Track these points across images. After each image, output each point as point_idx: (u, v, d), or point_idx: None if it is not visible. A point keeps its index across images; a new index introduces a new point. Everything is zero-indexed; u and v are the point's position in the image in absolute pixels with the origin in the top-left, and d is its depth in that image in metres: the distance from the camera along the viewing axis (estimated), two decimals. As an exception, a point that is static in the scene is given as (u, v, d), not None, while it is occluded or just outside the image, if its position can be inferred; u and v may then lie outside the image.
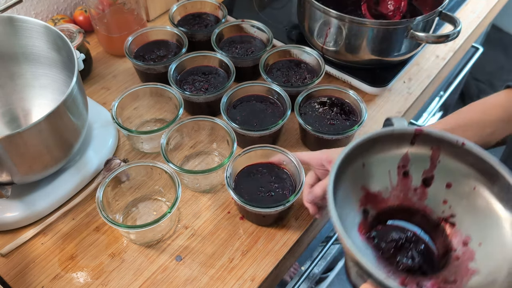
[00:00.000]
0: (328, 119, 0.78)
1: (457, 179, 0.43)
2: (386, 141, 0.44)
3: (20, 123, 0.81)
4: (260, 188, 0.69)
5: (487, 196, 0.41)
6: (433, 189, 0.44)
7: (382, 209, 0.45)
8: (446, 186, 0.44)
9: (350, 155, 0.42)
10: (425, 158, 0.44)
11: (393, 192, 0.46)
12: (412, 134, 0.43)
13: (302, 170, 0.68)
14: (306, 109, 0.80)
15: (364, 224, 0.45)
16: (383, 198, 0.45)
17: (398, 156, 0.45)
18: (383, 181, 0.46)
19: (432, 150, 0.44)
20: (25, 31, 0.74)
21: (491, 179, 0.41)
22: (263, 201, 0.68)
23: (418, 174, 0.45)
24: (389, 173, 0.45)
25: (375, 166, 0.45)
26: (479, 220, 0.42)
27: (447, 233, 0.43)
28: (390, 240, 0.45)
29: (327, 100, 0.81)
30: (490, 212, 0.41)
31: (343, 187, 0.43)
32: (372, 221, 0.46)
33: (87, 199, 0.74)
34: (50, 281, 0.66)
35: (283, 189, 0.69)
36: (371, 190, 0.45)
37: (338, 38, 0.85)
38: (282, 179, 0.71)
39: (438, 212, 0.44)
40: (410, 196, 0.45)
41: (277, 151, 0.71)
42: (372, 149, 0.44)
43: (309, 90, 0.80)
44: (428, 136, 0.43)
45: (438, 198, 0.44)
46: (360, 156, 0.44)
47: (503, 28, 2.12)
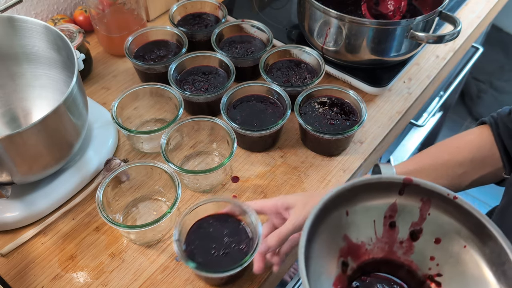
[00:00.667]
0: (328, 119, 0.78)
1: (447, 235, 0.40)
2: (373, 189, 0.41)
3: (20, 123, 0.81)
4: (213, 246, 0.63)
5: (477, 258, 0.38)
6: (421, 243, 0.41)
7: (364, 261, 0.43)
8: (435, 242, 0.40)
9: (333, 200, 0.40)
10: (414, 209, 0.41)
11: (378, 244, 0.42)
12: (401, 183, 0.40)
13: (259, 221, 0.61)
14: (306, 109, 0.80)
15: (341, 279, 0.41)
16: (366, 250, 0.42)
17: (385, 205, 0.42)
18: (367, 231, 0.43)
19: (422, 201, 0.40)
20: (25, 31, 0.73)
21: (482, 239, 0.38)
22: (218, 262, 0.61)
23: (406, 226, 0.42)
24: (375, 223, 0.42)
25: (359, 215, 0.42)
26: (466, 284, 0.39)
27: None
28: None
29: (327, 100, 0.81)
30: (478, 277, 0.38)
31: (322, 237, 0.40)
32: (351, 274, 0.42)
33: (87, 199, 0.74)
34: (50, 281, 0.66)
35: (239, 243, 0.63)
36: (354, 240, 0.42)
37: (338, 38, 0.85)
38: (237, 232, 0.64)
39: (424, 268, 0.41)
40: (396, 249, 0.42)
41: (228, 202, 0.65)
42: (358, 197, 0.41)
43: (309, 90, 0.80)
44: (418, 186, 0.40)
45: (425, 254, 0.41)
46: (344, 203, 0.41)
47: (503, 28, 2.12)
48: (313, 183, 0.77)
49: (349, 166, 0.79)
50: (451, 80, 1.23)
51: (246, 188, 0.76)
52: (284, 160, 0.80)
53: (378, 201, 0.42)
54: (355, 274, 0.43)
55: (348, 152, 0.81)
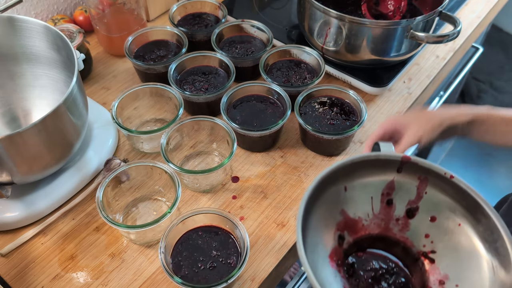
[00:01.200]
0: (328, 119, 0.78)
1: (443, 213, 0.40)
2: (371, 166, 0.42)
3: (20, 123, 0.81)
4: (200, 259, 0.62)
5: (471, 235, 0.39)
6: (416, 221, 0.42)
7: (360, 236, 0.43)
8: (430, 220, 0.41)
9: (331, 175, 0.41)
10: (412, 188, 0.42)
11: (374, 220, 0.43)
12: (399, 161, 0.41)
13: (247, 235, 0.62)
14: (306, 109, 0.80)
15: (337, 251, 0.42)
16: (362, 225, 0.43)
17: (383, 182, 0.42)
18: (364, 207, 0.43)
19: (419, 180, 0.41)
20: (25, 31, 0.73)
21: (476, 218, 0.39)
22: (204, 276, 0.61)
23: (403, 204, 0.42)
24: (372, 199, 0.43)
25: (357, 191, 0.43)
26: (460, 260, 0.39)
27: (426, 269, 0.41)
28: (369, 269, 0.43)
29: (327, 100, 0.81)
30: (472, 253, 0.38)
31: (319, 210, 0.41)
32: (347, 248, 0.43)
33: (87, 199, 0.74)
34: (50, 281, 0.66)
35: (227, 257, 0.62)
36: (351, 215, 0.43)
37: (338, 38, 0.85)
38: (226, 245, 0.64)
39: (418, 245, 0.42)
40: (392, 226, 0.43)
41: (219, 215, 0.64)
42: (356, 173, 0.42)
43: (309, 90, 0.80)
44: (416, 165, 0.41)
45: (421, 231, 0.42)
46: (343, 179, 0.42)
47: (503, 28, 2.13)
48: (313, 183, 0.77)
49: (349, 166, 0.79)
50: (451, 80, 1.23)
51: (246, 188, 0.76)
52: (284, 160, 0.80)
53: (376, 178, 0.42)
54: (351, 248, 0.44)
55: (348, 152, 0.81)
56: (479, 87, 2.07)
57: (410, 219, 0.42)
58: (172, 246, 0.64)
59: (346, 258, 0.44)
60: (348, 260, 0.44)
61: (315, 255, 0.40)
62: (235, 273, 0.59)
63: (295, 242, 0.70)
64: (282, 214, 0.73)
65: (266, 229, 0.71)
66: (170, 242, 0.63)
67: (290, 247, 0.69)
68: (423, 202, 0.41)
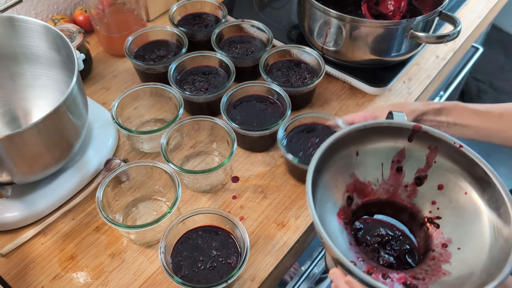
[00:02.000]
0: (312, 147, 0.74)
1: (450, 181, 0.42)
2: (383, 133, 0.44)
3: (20, 123, 0.81)
4: (200, 259, 0.62)
5: (476, 202, 0.40)
6: (424, 188, 0.43)
7: (368, 200, 0.45)
8: (438, 188, 0.43)
9: (344, 138, 0.42)
10: (422, 156, 0.43)
11: (383, 185, 0.45)
12: (411, 129, 0.43)
13: (246, 234, 0.62)
14: (290, 138, 0.76)
15: (345, 211, 0.44)
16: (371, 189, 0.45)
17: (394, 150, 0.44)
18: (374, 173, 0.45)
19: (429, 149, 0.43)
20: (25, 31, 0.74)
21: (482, 186, 0.40)
22: (204, 276, 0.61)
23: (412, 172, 0.44)
24: (382, 166, 0.45)
25: (369, 157, 0.44)
26: (463, 225, 0.41)
27: (430, 234, 0.42)
28: (376, 235, 0.44)
29: (309, 128, 0.77)
30: (475, 219, 0.40)
31: (331, 169, 0.43)
32: (356, 209, 0.45)
33: (87, 199, 0.74)
34: (50, 281, 0.66)
35: (227, 257, 0.63)
36: (361, 179, 0.44)
37: (338, 38, 0.85)
38: (226, 245, 0.64)
39: (425, 211, 0.43)
40: (400, 192, 0.44)
41: (219, 215, 0.64)
42: (368, 139, 0.44)
43: (286, 123, 0.75)
44: (427, 134, 0.42)
45: (428, 198, 0.43)
46: (355, 143, 0.44)
47: (503, 28, 2.13)
48: (313, 183, 0.77)
49: (349, 166, 0.79)
50: (451, 80, 1.23)
51: (246, 188, 0.76)
52: (284, 160, 0.80)
53: (388, 146, 0.44)
54: (359, 211, 0.45)
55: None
56: (479, 87, 2.07)
57: (418, 186, 0.43)
58: (172, 246, 0.64)
59: (354, 219, 0.45)
60: (355, 225, 0.45)
61: (324, 211, 0.42)
62: (235, 273, 0.59)
63: (295, 242, 0.70)
64: (282, 214, 0.73)
65: (266, 229, 0.71)
66: (170, 242, 0.63)
67: (290, 247, 0.69)
68: (432, 170, 0.42)
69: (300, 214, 0.73)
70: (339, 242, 0.41)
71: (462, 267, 0.38)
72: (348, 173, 0.44)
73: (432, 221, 0.42)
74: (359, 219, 0.45)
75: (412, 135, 0.43)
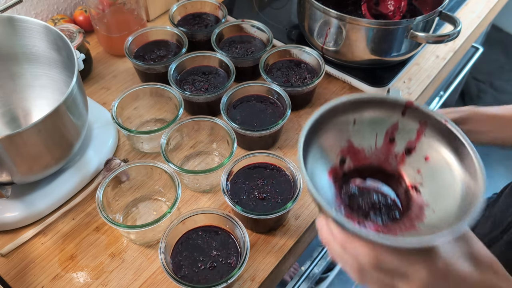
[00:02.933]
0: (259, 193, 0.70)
1: (436, 153, 0.46)
2: (379, 106, 0.48)
3: (20, 123, 0.81)
4: (200, 259, 0.62)
5: (456, 173, 0.44)
6: (412, 158, 0.47)
7: (361, 164, 0.49)
8: (425, 159, 0.47)
9: (342, 106, 0.47)
10: (413, 129, 0.47)
11: (375, 153, 0.49)
12: (403, 105, 0.47)
13: (246, 234, 0.62)
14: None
15: (337, 170, 0.48)
16: (364, 155, 0.49)
17: (389, 122, 0.48)
18: (368, 141, 0.49)
19: (420, 124, 0.47)
20: (25, 31, 0.74)
21: (462, 159, 0.44)
22: (204, 276, 0.61)
23: (403, 143, 0.48)
24: (377, 135, 0.49)
25: (365, 126, 0.48)
26: (441, 193, 0.45)
27: (412, 198, 0.46)
28: (368, 200, 0.47)
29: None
30: (453, 189, 0.44)
31: (328, 132, 0.47)
32: (347, 172, 0.48)
33: (87, 199, 0.74)
34: (50, 281, 0.66)
35: (227, 257, 0.63)
36: (355, 145, 0.49)
37: (338, 38, 0.85)
38: (226, 245, 0.64)
39: (410, 179, 0.47)
40: (390, 160, 0.49)
41: (219, 215, 0.65)
42: (366, 110, 0.48)
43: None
44: (418, 110, 0.47)
45: (414, 167, 0.47)
46: (353, 112, 0.48)
47: (503, 28, 2.12)
48: (313, 183, 0.77)
49: (349, 166, 0.79)
50: (451, 80, 1.23)
51: (246, 188, 0.76)
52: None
53: (383, 118, 0.48)
54: (351, 174, 0.49)
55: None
56: (479, 87, 2.07)
57: (407, 156, 0.48)
58: (172, 246, 0.64)
59: (345, 180, 0.49)
60: (350, 189, 0.49)
61: (315, 167, 0.46)
62: (235, 273, 0.59)
63: (295, 242, 0.70)
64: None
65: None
66: (170, 242, 0.63)
67: (290, 247, 0.69)
68: (420, 143, 0.47)
69: (300, 214, 0.73)
70: (326, 194, 0.46)
71: (432, 229, 0.42)
72: (344, 139, 0.49)
73: (415, 187, 0.46)
74: (354, 184, 0.49)
75: (405, 110, 0.47)
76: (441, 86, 1.23)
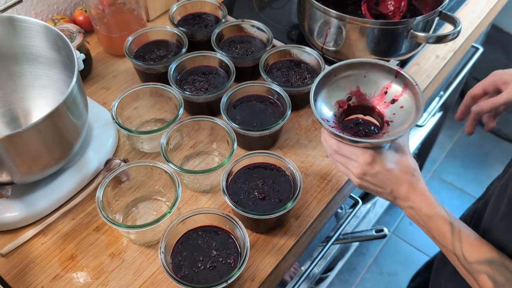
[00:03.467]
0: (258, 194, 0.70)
1: (407, 104, 0.66)
2: (382, 70, 0.68)
3: (20, 123, 0.81)
4: (200, 259, 0.63)
5: (413, 115, 0.64)
6: (394, 105, 0.68)
7: (361, 103, 0.70)
8: (400, 107, 0.67)
9: (356, 64, 0.68)
10: (399, 88, 0.67)
11: (372, 98, 0.69)
12: (395, 71, 0.67)
13: (246, 234, 0.62)
14: None
15: (344, 102, 0.69)
16: (365, 98, 0.70)
17: (386, 81, 0.68)
18: (371, 90, 0.69)
19: (404, 84, 0.67)
20: (25, 31, 0.74)
21: (418, 108, 0.64)
22: (204, 276, 0.61)
23: (391, 95, 0.68)
24: (377, 88, 0.69)
25: (371, 80, 0.69)
26: (401, 124, 0.65)
27: (385, 125, 0.67)
28: (356, 123, 0.70)
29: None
30: (407, 122, 0.64)
31: (344, 78, 0.69)
32: (352, 106, 0.70)
33: (87, 199, 0.74)
34: (50, 281, 0.66)
35: (227, 257, 0.63)
36: (361, 90, 0.69)
37: (338, 38, 0.85)
38: (226, 245, 0.64)
39: (388, 116, 0.68)
40: (381, 104, 0.69)
41: (219, 215, 0.65)
42: (372, 69, 0.68)
43: None
44: (403, 76, 0.66)
45: (393, 111, 0.67)
46: (364, 69, 0.69)
47: (503, 28, 2.12)
48: (313, 183, 0.77)
49: (349, 166, 0.79)
50: (451, 80, 1.23)
51: (246, 188, 0.76)
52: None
53: (384, 77, 0.68)
54: (355, 109, 0.70)
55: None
56: (479, 87, 2.07)
57: (391, 104, 0.68)
58: (172, 246, 0.64)
59: (347, 112, 0.70)
60: (352, 123, 0.70)
61: (328, 95, 0.69)
62: (235, 273, 0.59)
63: (295, 242, 0.70)
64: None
65: (266, 229, 0.71)
66: (170, 242, 0.63)
67: (290, 247, 0.69)
68: (402, 97, 0.67)
69: (300, 214, 0.73)
70: (326, 112, 0.68)
71: (389, 137, 0.63)
72: (355, 85, 0.70)
73: (388, 121, 0.67)
74: (353, 120, 0.71)
75: (397, 75, 0.67)
76: (441, 86, 1.23)
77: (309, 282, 1.27)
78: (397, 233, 1.78)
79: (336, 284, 1.64)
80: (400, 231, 1.78)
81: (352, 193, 0.89)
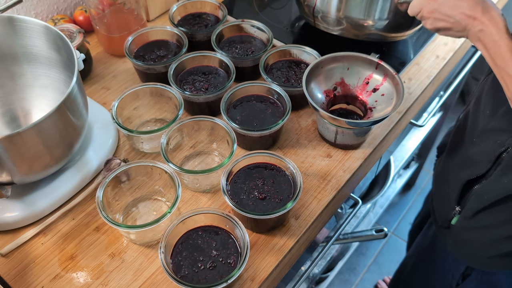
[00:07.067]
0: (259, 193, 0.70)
1: (388, 92, 0.77)
2: (364, 62, 0.79)
3: (20, 123, 0.81)
4: (200, 259, 0.63)
5: (394, 102, 0.75)
6: (375, 94, 0.78)
7: (346, 93, 0.81)
8: (381, 95, 0.78)
9: (338, 57, 0.80)
10: (380, 78, 0.78)
11: (355, 88, 0.80)
12: (376, 63, 0.78)
13: (246, 234, 0.62)
14: None
15: (330, 92, 0.81)
16: (349, 88, 0.80)
17: (368, 72, 0.79)
18: (354, 81, 0.80)
19: (384, 75, 0.78)
20: (25, 31, 0.74)
21: (398, 95, 0.75)
22: (204, 276, 0.61)
23: (373, 85, 0.78)
24: (359, 79, 0.80)
25: (353, 72, 0.80)
26: (386, 107, 0.76)
27: (368, 112, 0.79)
28: (347, 112, 0.81)
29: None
30: (390, 96, 0.76)
31: (330, 70, 0.80)
32: (337, 95, 0.81)
33: (87, 199, 0.74)
34: (50, 281, 0.66)
35: (227, 257, 0.63)
36: (345, 82, 0.81)
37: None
38: (226, 245, 0.64)
39: (371, 104, 0.79)
40: (363, 94, 0.80)
41: (220, 215, 0.65)
42: (355, 62, 0.79)
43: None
44: (382, 66, 0.78)
45: (374, 98, 0.78)
46: (348, 62, 0.80)
47: (503, 28, 2.12)
48: (313, 183, 0.77)
49: (349, 166, 0.79)
50: (451, 80, 1.23)
51: (246, 188, 0.76)
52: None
53: (366, 69, 0.79)
54: (340, 98, 0.82)
55: (348, 152, 0.81)
56: (479, 87, 2.07)
57: (373, 92, 0.79)
58: (172, 246, 0.64)
59: (333, 100, 0.82)
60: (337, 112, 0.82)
61: (317, 84, 0.80)
62: (235, 273, 0.59)
63: (295, 242, 0.70)
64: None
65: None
66: (170, 242, 0.63)
67: (290, 247, 0.70)
68: (382, 86, 0.77)
69: (300, 214, 0.73)
70: (317, 98, 0.80)
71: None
72: (340, 76, 0.81)
73: (371, 109, 0.78)
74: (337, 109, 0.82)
75: (377, 66, 0.78)
76: (441, 86, 1.23)
77: (309, 282, 1.27)
78: (397, 233, 1.78)
79: (336, 284, 1.64)
80: (400, 231, 1.78)
81: (352, 193, 0.89)
